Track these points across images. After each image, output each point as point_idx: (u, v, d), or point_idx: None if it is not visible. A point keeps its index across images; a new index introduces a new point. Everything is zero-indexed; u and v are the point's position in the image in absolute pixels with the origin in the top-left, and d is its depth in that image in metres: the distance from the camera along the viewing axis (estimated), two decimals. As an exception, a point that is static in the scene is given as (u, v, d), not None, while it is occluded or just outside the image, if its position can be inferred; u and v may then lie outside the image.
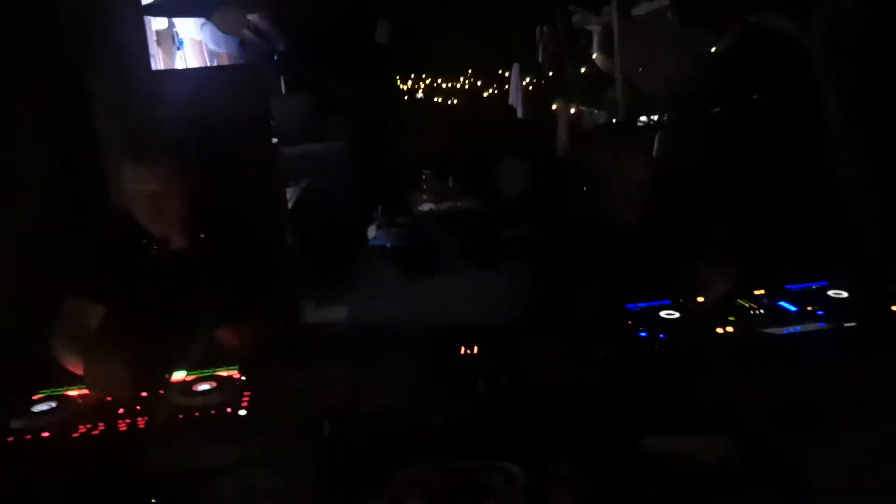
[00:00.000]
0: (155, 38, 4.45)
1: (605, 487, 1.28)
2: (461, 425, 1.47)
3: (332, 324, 4.66)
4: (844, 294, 1.79)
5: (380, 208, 6.77)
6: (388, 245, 6.52)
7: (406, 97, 10.36)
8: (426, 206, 6.43)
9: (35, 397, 1.64)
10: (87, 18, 3.32)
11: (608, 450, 1.36)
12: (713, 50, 3.88)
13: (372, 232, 6.69)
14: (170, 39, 4.64)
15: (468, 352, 1.72)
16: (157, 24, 4.47)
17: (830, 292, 1.81)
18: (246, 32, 6.24)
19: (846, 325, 1.65)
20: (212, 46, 5.74)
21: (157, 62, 4.36)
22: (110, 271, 2.04)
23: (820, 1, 3.13)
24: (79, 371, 1.79)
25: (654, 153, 3.71)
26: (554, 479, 1.29)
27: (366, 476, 1.32)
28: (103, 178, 3.17)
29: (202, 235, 2.13)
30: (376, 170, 7.51)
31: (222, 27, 4.41)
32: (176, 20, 4.74)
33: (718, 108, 3.95)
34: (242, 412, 1.54)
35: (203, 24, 5.43)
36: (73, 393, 1.68)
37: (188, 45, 5.07)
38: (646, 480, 1.30)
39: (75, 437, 1.49)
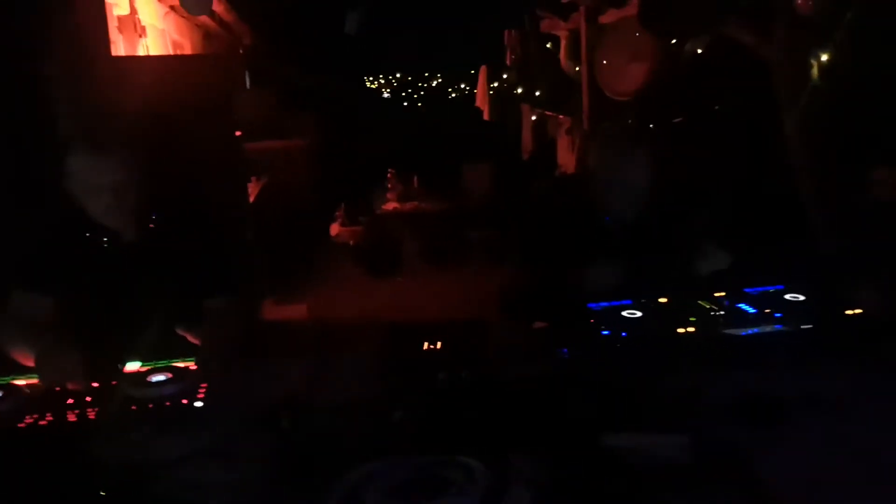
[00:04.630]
0: (116, 23, 4.34)
1: (565, 483, 1.28)
2: (420, 419, 1.45)
3: (291, 319, 4.60)
4: (801, 297, 1.83)
5: (343, 206, 6.72)
6: (351, 243, 6.49)
7: (372, 95, 10.33)
8: (390, 206, 6.41)
9: (-20, 386, 1.57)
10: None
11: (568, 445, 1.36)
12: (679, 58, 3.95)
13: (335, 230, 6.65)
14: (132, 26, 4.53)
15: (430, 347, 1.71)
16: (118, 9, 4.36)
17: (787, 295, 1.85)
18: (210, 24, 6.14)
19: (803, 327, 1.69)
20: (175, 36, 5.63)
21: (118, 49, 4.25)
22: (61, 262, 1.98)
23: (779, 12, 3.21)
24: (28, 362, 1.73)
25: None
26: (513, 473, 1.29)
27: (322, 470, 1.30)
28: (56, 167, 3.08)
29: (159, 225, 2.08)
30: (340, 167, 7.45)
31: (187, 6, 4.32)
32: (139, 7, 4.63)
33: (681, 117, 4.02)
34: (199, 404, 1.50)
35: (167, 13, 5.32)
36: (20, 382, 1.62)
37: (151, 33, 4.96)
38: (605, 476, 1.30)
39: (21, 428, 1.44)
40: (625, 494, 1.27)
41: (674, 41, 3.87)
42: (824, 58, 3.15)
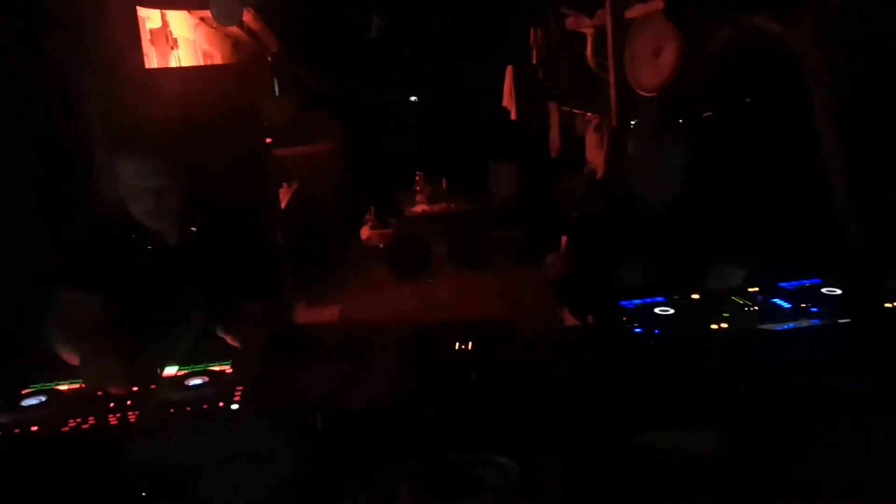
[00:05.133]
0: (149, 37, 4.43)
1: (596, 480, 1.28)
2: (452, 419, 1.46)
3: (323, 322, 4.65)
4: (838, 291, 1.79)
5: (373, 209, 6.76)
6: (381, 246, 6.51)
7: (400, 98, 10.35)
8: (419, 208, 6.42)
9: (24, 391, 1.62)
10: (81, 15, 3.31)
11: (600, 443, 1.36)
12: (707, 52, 3.89)
13: (365, 233, 6.68)
14: (164, 38, 4.62)
15: (461, 347, 1.71)
16: (150, 23, 4.45)
17: (824, 289, 1.81)
18: (239, 34, 6.22)
19: (840, 321, 1.65)
20: (206, 46, 5.72)
21: (151, 61, 4.34)
22: (105, 265, 2.03)
23: (810, 3, 3.15)
24: (73, 361, 1.78)
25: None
26: (545, 472, 1.28)
27: (355, 470, 1.31)
28: (97, 173, 3.16)
29: (195, 231, 2.13)
30: (369, 171, 7.50)
31: (218, 18, 4.38)
32: (170, 20, 4.72)
33: (711, 112, 3.97)
34: (235, 406, 1.53)
35: (197, 24, 5.42)
36: (63, 387, 1.66)
37: (182, 44, 5.05)
38: (636, 474, 1.29)
39: (65, 432, 1.47)
40: (656, 492, 1.26)
41: (701, 34, 3.82)
42: (855, 47, 3.07)
